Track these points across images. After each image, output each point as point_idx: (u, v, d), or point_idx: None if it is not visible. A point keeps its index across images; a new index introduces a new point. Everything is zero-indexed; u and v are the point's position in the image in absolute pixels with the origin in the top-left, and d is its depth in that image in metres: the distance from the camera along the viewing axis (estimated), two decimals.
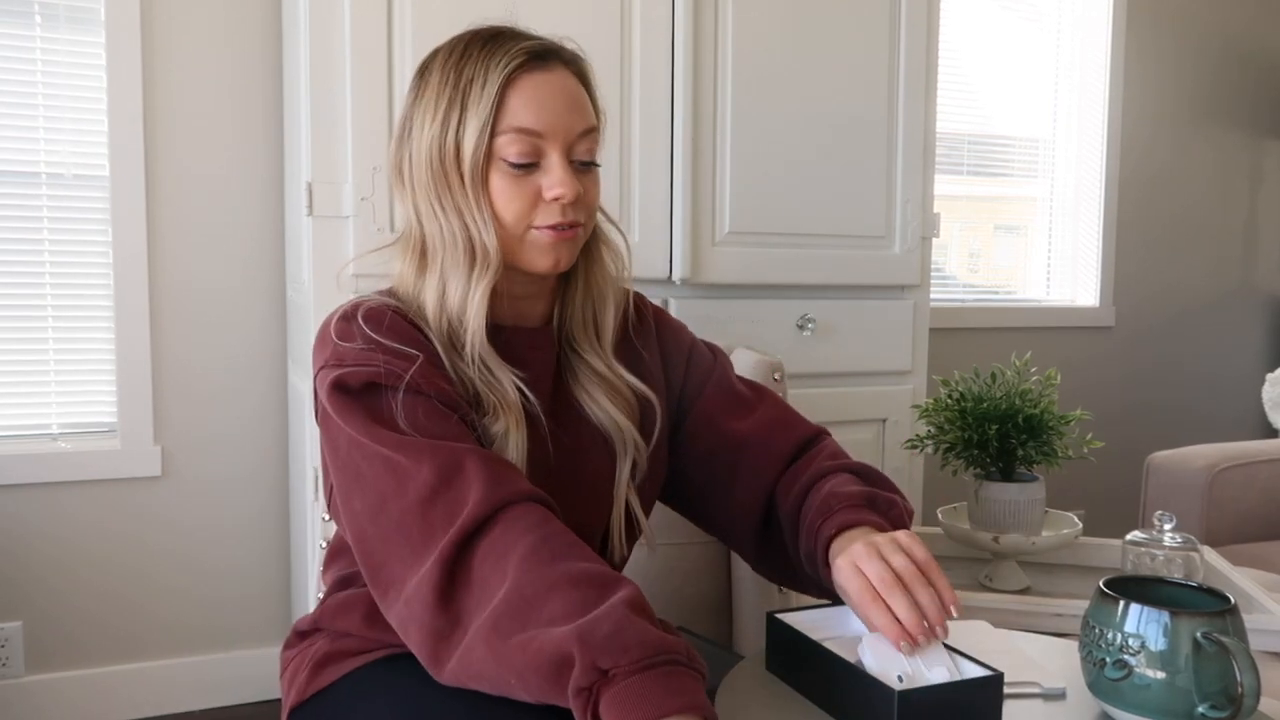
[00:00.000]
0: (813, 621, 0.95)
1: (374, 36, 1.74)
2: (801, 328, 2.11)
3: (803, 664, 0.90)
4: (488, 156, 0.95)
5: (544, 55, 0.97)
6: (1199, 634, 0.79)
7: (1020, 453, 1.45)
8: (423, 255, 0.99)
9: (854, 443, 2.20)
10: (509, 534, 0.83)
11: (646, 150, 1.96)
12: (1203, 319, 3.47)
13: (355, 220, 1.73)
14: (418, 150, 0.97)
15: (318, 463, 1.77)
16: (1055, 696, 0.89)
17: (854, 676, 0.82)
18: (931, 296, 2.30)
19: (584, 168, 0.99)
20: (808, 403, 2.08)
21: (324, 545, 1.17)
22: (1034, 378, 1.49)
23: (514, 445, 0.95)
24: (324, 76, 1.76)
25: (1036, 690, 0.90)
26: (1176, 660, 0.79)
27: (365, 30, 1.74)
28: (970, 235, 3.17)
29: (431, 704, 0.86)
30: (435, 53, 0.99)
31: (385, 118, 1.74)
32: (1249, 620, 0.97)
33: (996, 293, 3.21)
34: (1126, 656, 0.81)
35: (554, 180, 0.95)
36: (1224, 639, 0.78)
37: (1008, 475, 1.46)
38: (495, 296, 0.99)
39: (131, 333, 2.09)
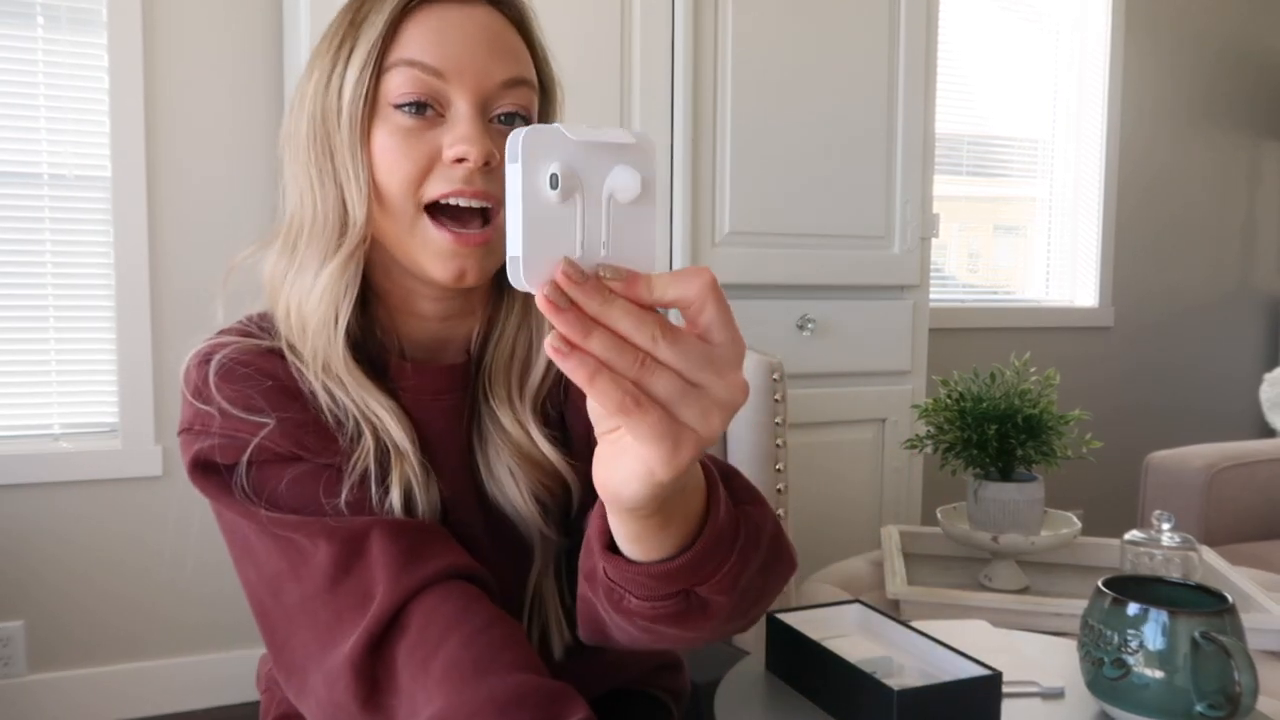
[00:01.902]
0: (813, 621, 0.95)
1: None
2: (801, 328, 2.11)
3: (803, 664, 0.90)
4: (372, 104, 0.72)
5: None
6: (1197, 633, 0.79)
7: (1019, 453, 1.45)
8: (294, 245, 0.76)
9: (854, 443, 2.21)
10: (427, 633, 0.67)
11: None
12: (1201, 319, 3.47)
13: None
14: (301, 107, 0.76)
15: None
16: (1054, 696, 0.90)
17: (854, 676, 0.82)
18: (931, 296, 2.31)
19: (508, 124, 0.74)
20: (808, 403, 2.09)
21: None
22: (1033, 378, 1.50)
23: (422, 502, 0.74)
24: None
25: (1035, 689, 0.90)
26: (1175, 659, 0.80)
27: None
28: (969, 235, 3.18)
29: None
30: None
31: None
32: (1247, 620, 0.97)
33: (996, 293, 3.21)
34: (1125, 656, 0.81)
35: (456, 135, 0.71)
36: (1222, 638, 0.78)
37: (1007, 475, 1.47)
38: (402, 315, 0.79)
39: (133, 333, 2.09)
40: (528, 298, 0.77)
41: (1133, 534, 1.32)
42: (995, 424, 1.44)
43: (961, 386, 1.51)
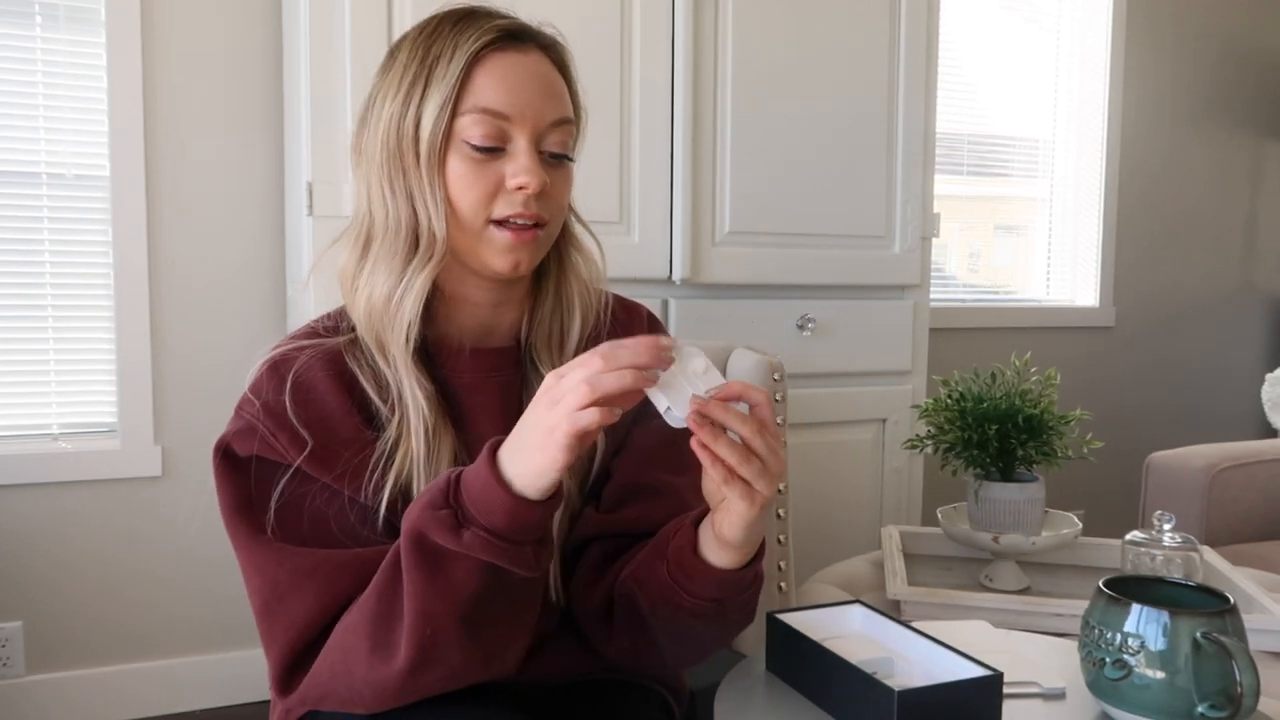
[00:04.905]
0: (813, 621, 0.95)
1: (374, 36, 1.74)
2: (801, 328, 2.11)
3: (803, 664, 0.90)
4: (447, 137, 0.87)
5: (519, 35, 0.90)
6: (1198, 634, 0.79)
7: (1020, 453, 1.45)
8: (366, 244, 0.91)
9: (854, 443, 2.21)
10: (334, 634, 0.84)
11: (646, 150, 1.96)
12: (1203, 319, 3.47)
13: None
14: (375, 128, 0.90)
15: None
16: (1055, 696, 0.90)
17: (854, 676, 0.82)
18: (931, 296, 2.30)
19: (554, 160, 0.91)
20: (808, 403, 2.09)
21: None
22: (1034, 378, 1.49)
23: (420, 481, 0.88)
24: (324, 76, 1.76)
25: (1036, 690, 0.90)
26: (1176, 660, 0.79)
27: (365, 30, 1.74)
28: (970, 235, 3.17)
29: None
30: (407, 33, 0.93)
31: None
32: (1248, 620, 0.97)
33: (996, 293, 3.21)
34: (1126, 656, 0.81)
35: (518, 167, 0.87)
36: (1223, 639, 0.78)
37: (1007, 475, 1.46)
38: (458, 304, 0.93)
39: (132, 332, 2.09)
40: (559, 287, 0.98)
41: (1134, 534, 1.32)
42: (996, 424, 1.43)
43: (962, 386, 1.50)
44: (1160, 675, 0.80)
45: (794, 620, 0.93)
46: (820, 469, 2.15)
